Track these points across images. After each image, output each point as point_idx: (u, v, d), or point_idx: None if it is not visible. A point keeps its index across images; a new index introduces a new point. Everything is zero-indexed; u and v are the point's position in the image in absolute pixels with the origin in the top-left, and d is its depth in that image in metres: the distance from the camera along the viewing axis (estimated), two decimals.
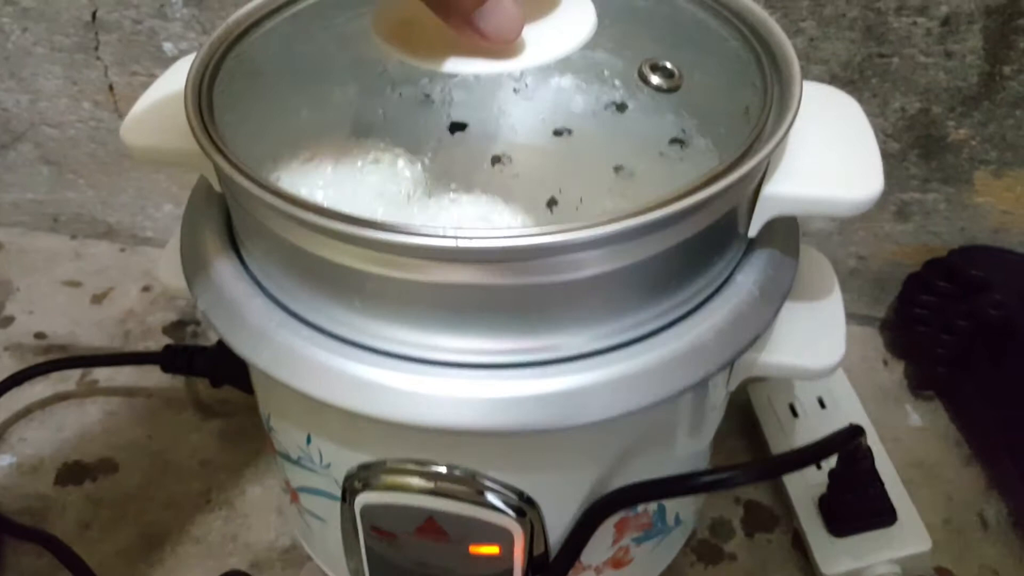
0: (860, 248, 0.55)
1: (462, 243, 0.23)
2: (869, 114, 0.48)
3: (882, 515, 0.42)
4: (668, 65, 0.31)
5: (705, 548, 0.46)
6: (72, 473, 0.49)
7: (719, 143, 0.35)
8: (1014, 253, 0.51)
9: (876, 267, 0.55)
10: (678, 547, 0.41)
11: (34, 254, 0.64)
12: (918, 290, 0.53)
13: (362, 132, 0.33)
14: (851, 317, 0.60)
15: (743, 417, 0.51)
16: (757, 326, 0.29)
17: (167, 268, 0.36)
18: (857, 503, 0.41)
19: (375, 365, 0.26)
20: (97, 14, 0.52)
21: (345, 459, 0.31)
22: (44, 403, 0.53)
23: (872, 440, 0.49)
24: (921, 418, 0.52)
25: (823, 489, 0.43)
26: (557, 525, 0.32)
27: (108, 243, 0.65)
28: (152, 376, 0.52)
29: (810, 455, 0.32)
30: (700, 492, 0.43)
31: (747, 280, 0.29)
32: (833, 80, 0.47)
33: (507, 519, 0.30)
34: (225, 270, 0.30)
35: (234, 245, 0.31)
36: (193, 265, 0.31)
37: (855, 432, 0.34)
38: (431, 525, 0.31)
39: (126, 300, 0.60)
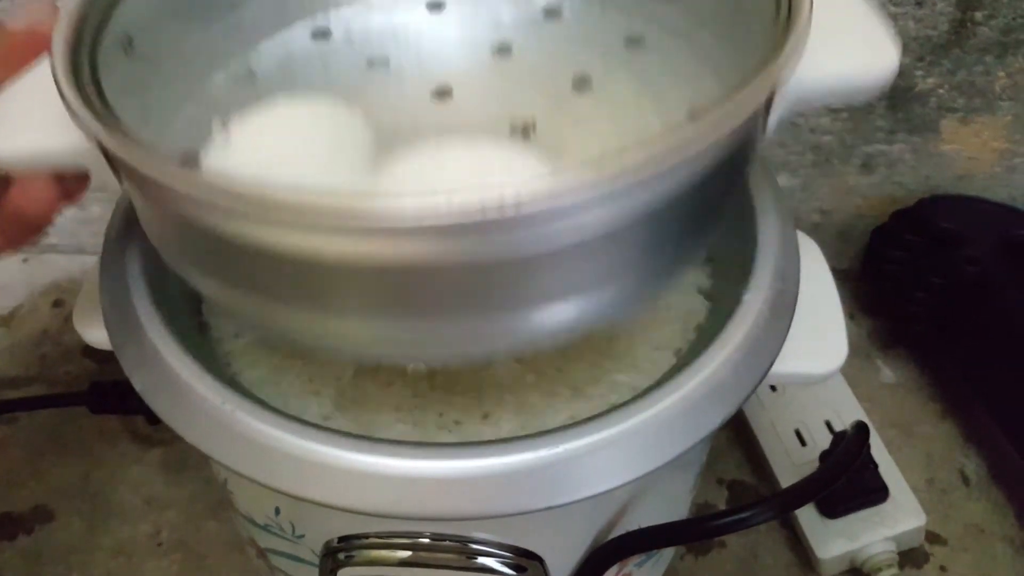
0: (824, 202, 0.53)
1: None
2: None
3: (874, 493, 0.41)
4: None
5: None
6: (3, 528, 0.44)
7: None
8: (983, 201, 0.49)
9: (839, 220, 0.54)
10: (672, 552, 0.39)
11: None
12: (886, 244, 0.51)
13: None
14: None
15: None
16: (773, 348, 0.26)
17: (85, 318, 0.31)
18: (849, 485, 0.39)
19: (341, 448, 0.23)
20: None
21: (321, 532, 0.28)
22: None
23: (853, 407, 0.47)
24: (893, 373, 0.51)
25: (811, 468, 0.42)
26: (561, 570, 0.29)
27: (8, 254, 0.58)
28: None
29: (831, 475, 0.30)
30: (715, 536, 0.41)
31: (756, 299, 0.27)
32: None
33: None
34: (164, 344, 0.25)
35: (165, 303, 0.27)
36: (121, 334, 0.26)
37: (865, 434, 0.31)
38: None
39: (37, 319, 0.54)
